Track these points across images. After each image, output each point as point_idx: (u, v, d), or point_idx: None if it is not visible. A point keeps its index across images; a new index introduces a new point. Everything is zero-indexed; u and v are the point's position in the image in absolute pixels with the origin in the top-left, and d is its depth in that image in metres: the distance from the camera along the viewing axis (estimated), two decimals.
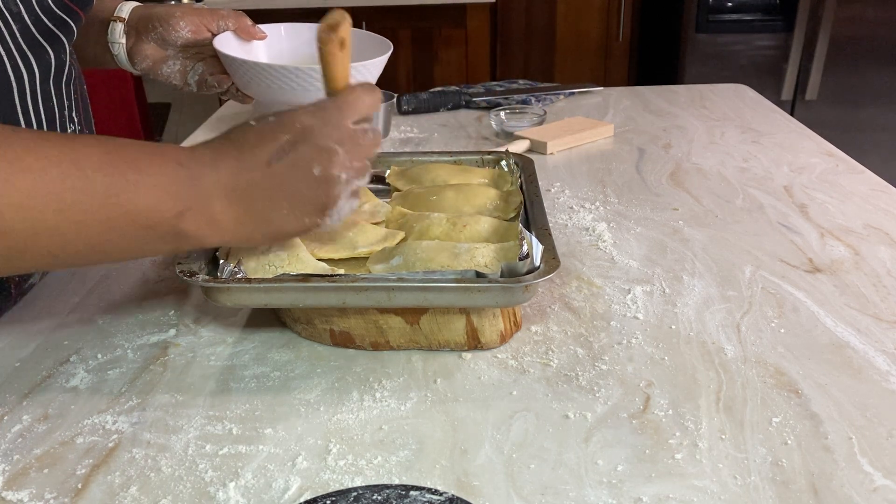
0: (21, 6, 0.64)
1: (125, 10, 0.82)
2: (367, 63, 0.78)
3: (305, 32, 0.91)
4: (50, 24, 0.67)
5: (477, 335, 0.61)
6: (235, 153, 0.53)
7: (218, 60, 0.83)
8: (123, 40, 0.82)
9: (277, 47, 0.90)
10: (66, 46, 0.72)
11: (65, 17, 0.69)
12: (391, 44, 0.84)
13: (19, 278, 0.71)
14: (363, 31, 0.87)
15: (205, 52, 0.84)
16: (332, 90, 0.59)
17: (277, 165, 0.53)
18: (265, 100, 0.79)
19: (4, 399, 0.57)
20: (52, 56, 0.69)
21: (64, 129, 0.74)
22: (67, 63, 0.72)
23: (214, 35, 0.82)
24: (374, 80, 0.81)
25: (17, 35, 0.64)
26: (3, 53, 0.63)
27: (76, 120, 0.77)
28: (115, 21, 0.81)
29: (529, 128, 1.21)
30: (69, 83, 0.73)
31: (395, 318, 0.60)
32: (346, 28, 0.57)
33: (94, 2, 0.75)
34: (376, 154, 0.59)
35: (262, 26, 0.88)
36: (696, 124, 1.25)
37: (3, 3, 0.63)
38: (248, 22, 0.86)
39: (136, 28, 0.81)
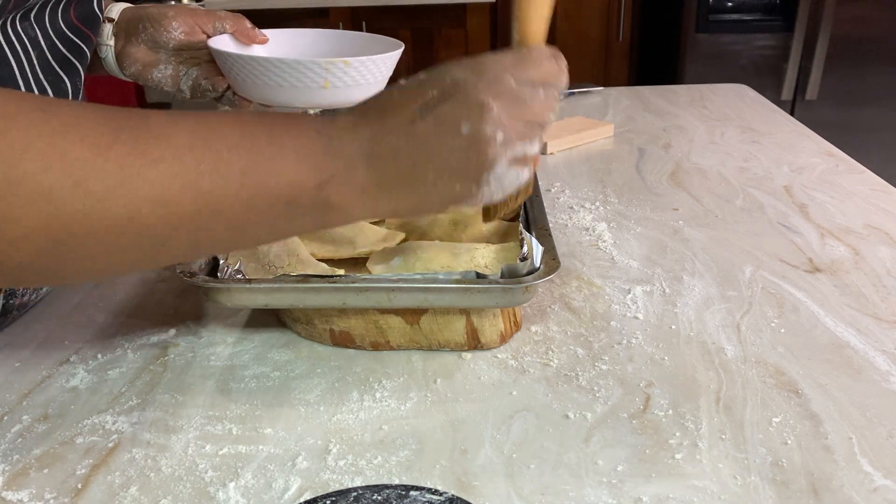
0: (38, 31, 0.62)
1: (115, 11, 0.76)
2: (382, 56, 0.71)
3: (310, 37, 0.84)
4: (64, 50, 0.65)
5: (477, 335, 0.61)
6: (377, 115, 0.48)
7: (214, 65, 0.77)
8: (112, 42, 0.75)
9: (279, 53, 0.81)
10: (81, 73, 0.69)
11: (77, 40, 0.67)
12: (402, 43, 0.77)
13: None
14: (374, 35, 0.80)
15: (199, 57, 0.77)
16: (518, 45, 0.52)
17: (421, 124, 0.47)
18: (266, 101, 0.74)
19: (4, 399, 0.57)
20: (69, 85, 0.66)
21: None
22: (81, 90, 0.69)
23: (210, 37, 0.76)
24: (386, 77, 0.74)
25: (35, 63, 0.62)
26: (21, 86, 0.61)
27: None
28: (104, 22, 0.75)
29: None
30: None
31: (395, 318, 0.60)
32: None
33: (100, 21, 0.72)
34: (551, 119, 0.51)
35: (265, 31, 0.81)
36: (696, 124, 1.25)
37: (21, 29, 0.60)
38: (248, 24, 0.79)
39: (126, 29, 0.76)
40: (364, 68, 0.70)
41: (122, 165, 0.41)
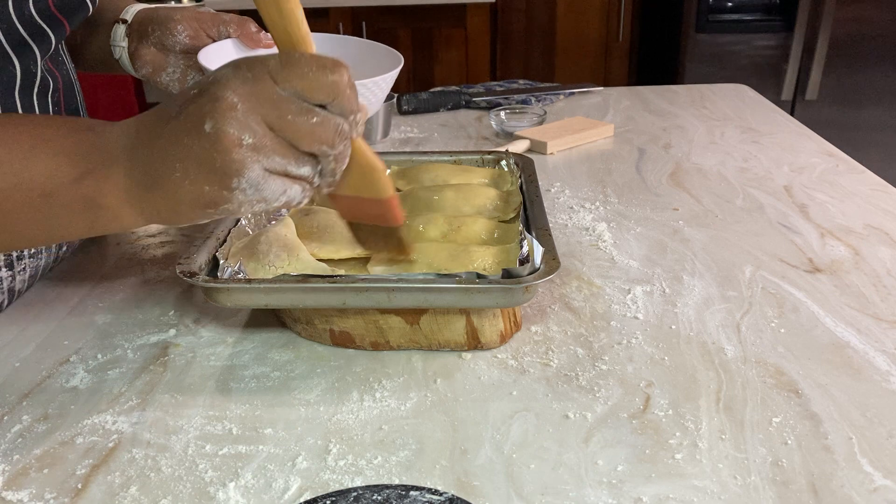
0: None
1: (130, 13, 0.78)
2: (375, 80, 0.67)
3: (319, 44, 0.83)
4: (24, 34, 0.64)
5: (477, 335, 0.61)
6: (154, 113, 0.46)
7: None
8: (125, 44, 0.78)
9: None
10: (38, 58, 0.68)
11: (45, 26, 0.66)
12: (402, 57, 0.75)
13: None
14: (373, 43, 0.78)
15: None
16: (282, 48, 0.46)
17: (174, 121, 0.44)
18: None
19: (4, 399, 0.57)
20: (18, 67, 0.65)
21: None
22: (39, 75, 0.68)
23: (214, 41, 0.75)
24: (383, 96, 0.71)
25: None
26: None
27: None
28: (118, 23, 0.78)
29: (529, 128, 1.21)
30: (44, 94, 0.69)
31: (395, 318, 0.60)
32: None
33: (86, 14, 0.72)
34: (331, 150, 0.46)
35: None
36: (696, 124, 1.25)
37: None
38: (253, 28, 0.77)
39: (138, 31, 0.78)
40: (364, 89, 0.65)
41: None
